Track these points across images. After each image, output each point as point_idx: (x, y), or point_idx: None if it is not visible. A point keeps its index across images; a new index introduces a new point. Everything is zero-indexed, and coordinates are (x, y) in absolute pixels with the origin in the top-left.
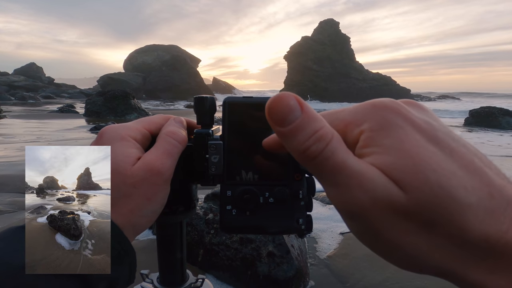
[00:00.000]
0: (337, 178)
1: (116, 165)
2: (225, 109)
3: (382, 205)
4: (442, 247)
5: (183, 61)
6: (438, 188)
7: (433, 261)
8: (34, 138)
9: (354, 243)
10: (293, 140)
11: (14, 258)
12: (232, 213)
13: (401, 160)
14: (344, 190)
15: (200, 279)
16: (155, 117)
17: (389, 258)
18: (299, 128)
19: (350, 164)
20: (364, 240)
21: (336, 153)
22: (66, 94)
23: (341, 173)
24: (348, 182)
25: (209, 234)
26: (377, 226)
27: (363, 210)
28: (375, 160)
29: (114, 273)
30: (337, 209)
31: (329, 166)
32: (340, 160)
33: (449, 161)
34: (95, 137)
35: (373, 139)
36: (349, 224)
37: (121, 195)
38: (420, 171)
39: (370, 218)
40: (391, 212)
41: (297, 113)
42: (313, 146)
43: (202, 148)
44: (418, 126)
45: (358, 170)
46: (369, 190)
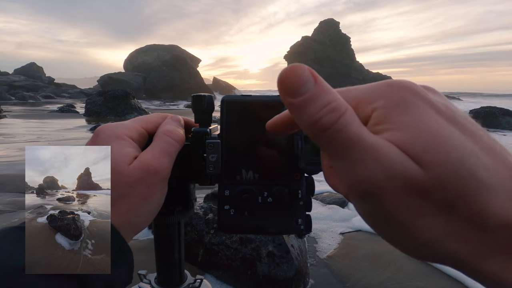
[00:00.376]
0: (349, 152)
1: (112, 165)
2: (223, 108)
3: (398, 182)
4: (459, 231)
5: (183, 61)
6: (460, 165)
7: (448, 248)
8: (34, 138)
9: (354, 243)
10: (305, 111)
11: (11, 259)
12: (230, 213)
13: (420, 136)
14: (357, 165)
15: (198, 280)
16: (152, 115)
17: (401, 245)
18: (311, 99)
19: (364, 138)
20: (374, 223)
21: (350, 126)
22: (66, 94)
23: (354, 146)
24: (362, 157)
25: (209, 234)
26: (391, 206)
27: (377, 187)
28: (390, 136)
29: (111, 273)
30: (346, 188)
31: (342, 139)
32: (353, 133)
33: (470, 141)
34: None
35: (388, 116)
36: (359, 206)
37: (117, 195)
38: (441, 146)
39: (384, 196)
40: (408, 190)
41: (310, 85)
42: (325, 117)
43: (200, 147)
44: (436, 107)
45: (373, 144)
46: (385, 165)
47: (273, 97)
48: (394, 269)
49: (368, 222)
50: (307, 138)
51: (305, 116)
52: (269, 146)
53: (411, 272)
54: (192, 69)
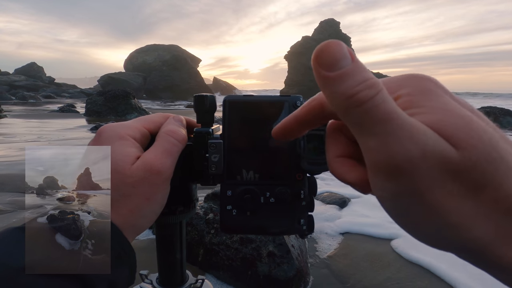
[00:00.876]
0: (385, 127)
1: (115, 165)
2: (225, 108)
3: (432, 160)
4: (485, 215)
5: (184, 61)
6: (491, 148)
7: (472, 232)
8: (34, 137)
9: (355, 243)
10: (341, 84)
11: (11, 260)
12: (232, 213)
13: (451, 118)
14: (392, 140)
15: (200, 280)
16: (154, 115)
17: (421, 229)
18: (349, 74)
19: (401, 115)
20: (396, 206)
21: (387, 102)
22: (67, 94)
23: (390, 122)
24: (397, 132)
25: (209, 234)
26: (421, 184)
27: (411, 163)
28: (422, 119)
29: (114, 274)
30: (373, 165)
31: (378, 114)
32: (391, 109)
33: (492, 129)
34: (93, 137)
35: (415, 102)
36: (384, 185)
37: (120, 195)
38: (473, 129)
39: (416, 173)
40: (440, 169)
41: (348, 61)
42: (362, 91)
43: (202, 147)
44: (456, 98)
45: (410, 122)
46: (421, 142)
47: (275, 97)
48: (394, 269)
49: (389, 204)
50: (310, 138)
51: (341, 89)
52: (271, 146)
53: (411, 272)
54: (192, 69)
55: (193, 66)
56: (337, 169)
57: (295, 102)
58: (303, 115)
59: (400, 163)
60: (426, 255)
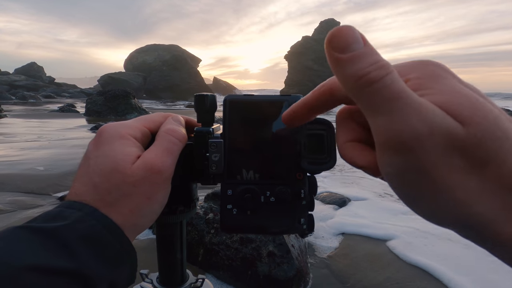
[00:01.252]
0: (394, 105)
1: (115, 164)
2: (226, 107)
3: (439, 136)
4: (489, 191)
5: (184, 61)
6: (495, 126)
7: (475, 208)
8: (35, 137)
9: (354, 243)
10: (352, 66)
11: (13, 259)
12: (232, 212)
13: (458, 98)
14: (401, 117)
15: (200, 279)
16: (155, 115)
17: (425, 205)
18: (360, 56)
19: (410, 95)
20: (403, 181)
21: (397, 82)
22: (67, 94)
23: (401, 100)
24: (406, 110)
25: (209, 233)
26: (428, 160)
27: (419, 140)
28: (429, 99)
29: (115, 273)
30: (382, 142)
31: (388, 93)
32: (401, 89)
33: (497, 110)
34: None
35: (423, 84)
36: (391, 161)
37: (121, 195)
38: (479, 108)
39: (423, 149)
40: (447, 145)
41: (360, 44)
42: (374, 72)
43: (202, 146)
44: (464, 82)
45: (418, 101)
46: (429, 120)
47: (276, 96)
48: (394, 269)
49: (395, 181)
50: (310, 137)
51: (352, 69)
52: (271, 145)
53: (410, 272)
54: (193, 69)
55: (193, 66)
56: (348, 153)
57: (295, 101)
58: (312, 100)
59: (408, 140)
60: (422, 255)
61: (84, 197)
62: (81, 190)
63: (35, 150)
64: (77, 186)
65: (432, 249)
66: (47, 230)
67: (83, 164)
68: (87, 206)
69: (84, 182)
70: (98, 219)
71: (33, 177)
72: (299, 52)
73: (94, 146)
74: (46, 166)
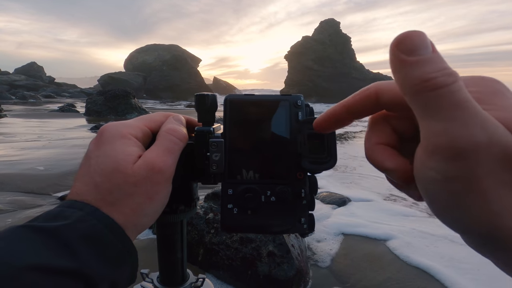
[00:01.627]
0: (458, 112)
1: (117, 164)
2: (226, 107)
3: (497, 150)
4: None
5: (184, 61)
6: None
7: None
8: (35, 137)
9: (355, 243)
10: (419, 68)
11: (14, 258)
12: (233, 212)
13: None
14: (461, 125)
15: (201, 279)
16: (155, 114)
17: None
18: (429, 61)
19: (475, 104)
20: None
21: (463, 91)
22: (67, 94)
23: (465, 109)
24: (469, 119)
25: (209, 233)
26: (479, 169)
27: (475, 148)
28: (491, 114)
29: (116, 273)
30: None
31: (454, 99)
32: (466, 98)
33: None
34: (95, 136)
35: (484, 99)
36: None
37: (122, 194)
38: None
39: (479, 158)
40: (502, 159)
41: (429, 50)
42: (441, 77)
43: (203, 146)
44: None
45: (481, 112)
46: (490, 130)
47: (276, 96)
48: (394, 269)
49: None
50: (311, 136)
51: (418, 72)
52: (272, 145)
53: (410, 272)
54: (193, 68)
55: (193, 66)
56: (378, 155)
57: (295, 101)
58: (355, 103)
59: (465, 146)
60: (422, 256)
61: (85, 197)
62: (82, 189)
63: (35, 150)
64: (78, 186)
65: (432, 250)
66: (48, 229)
67: (84, 163)
68: (88, 205)
69: (85, 182)
70: (99, 219)
71: (33, 177)
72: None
73: (95, 145)
74: (46, 166)
